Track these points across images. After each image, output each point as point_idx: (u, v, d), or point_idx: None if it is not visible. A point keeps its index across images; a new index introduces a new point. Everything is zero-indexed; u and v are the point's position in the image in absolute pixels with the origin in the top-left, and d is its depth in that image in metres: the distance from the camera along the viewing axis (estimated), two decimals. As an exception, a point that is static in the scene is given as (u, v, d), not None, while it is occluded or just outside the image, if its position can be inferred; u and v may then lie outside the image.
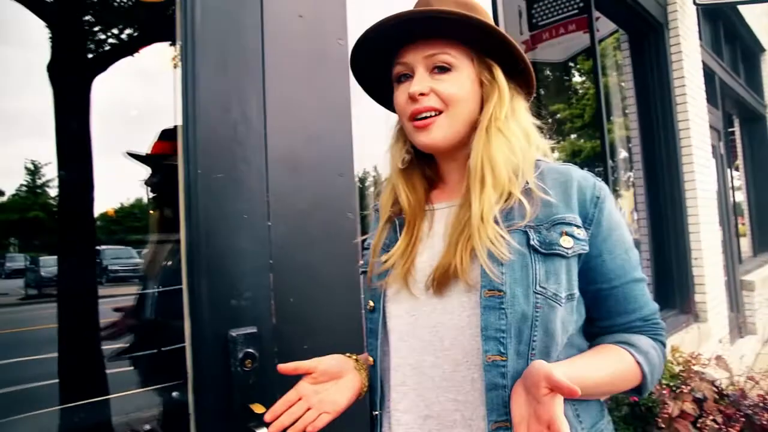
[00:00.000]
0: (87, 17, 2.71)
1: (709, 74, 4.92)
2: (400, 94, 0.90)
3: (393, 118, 0.99)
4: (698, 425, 1.77)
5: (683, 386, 1.86)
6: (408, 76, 0.89)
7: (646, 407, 1.86)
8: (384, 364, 0.92)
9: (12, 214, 3.26)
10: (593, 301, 0.88)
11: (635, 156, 4.24)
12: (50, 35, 2.40)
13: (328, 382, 0.92)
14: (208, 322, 1.16)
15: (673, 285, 3.95)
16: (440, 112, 0.86)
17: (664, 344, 0.90)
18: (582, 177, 0.87)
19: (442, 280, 0.83)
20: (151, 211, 2.13)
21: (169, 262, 1.75)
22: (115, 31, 2.74)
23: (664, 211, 3.98)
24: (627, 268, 0.87)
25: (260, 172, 1.25)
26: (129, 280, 3.39)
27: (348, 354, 0.98)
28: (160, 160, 1.78)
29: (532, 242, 0.81)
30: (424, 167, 0.97)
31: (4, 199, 3.18)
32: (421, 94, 0.85)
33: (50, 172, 3.07)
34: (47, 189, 3.18)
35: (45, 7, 2.48)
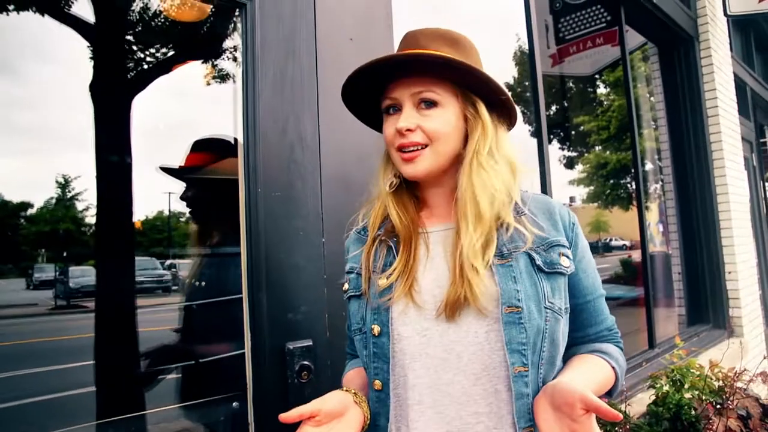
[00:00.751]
0: (127, 36, 2.82)
1: (740, 85, 4.87)
2: (389, 127, 0.95)
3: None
4: (745, 442, 1.75)
5: (728, 402, 1.85)
6: (396, 109, 0.94)
7: (689, 422, 1.85)
8: (393, 385, 0.92)
9: (43, 226, 3.36)
10: (573, 314, 0.98)
11: (663, 168, 4.21)
12: (91, 54, 2.50)
13: (331, 422, 0.86)
14: (268, 334, 1.20)
15: (707, 299, 3.90)
16: (425, 146, 0.91)
17: (622, 349, 1.03)
18: (560, 206, 0.99)
19: (454, 308, 0.87)
20: (191, 225, 2.15)
21: (208, 275, 1.76)
22: (152, 50, 2.85)
23: (696, 224, 3.94)
24: (596, 285, 0.99)
25: (315, 191, 1.30)
26: (153, 291, 3.47)
27: (346, 388, 0.95)
28: (194, 172, 1.79)
29: (537, 263, 0.89)
30: (413, 189, 1.01)
31: (35, 211, 3.29)
32: (408, 130, 0.91)
33: (80, 186, 3.18)
34: (77, 202, 3.27)
35: (87, 27, 2.58)
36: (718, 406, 1.97)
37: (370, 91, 0.99)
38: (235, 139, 1.66)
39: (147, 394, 1.59)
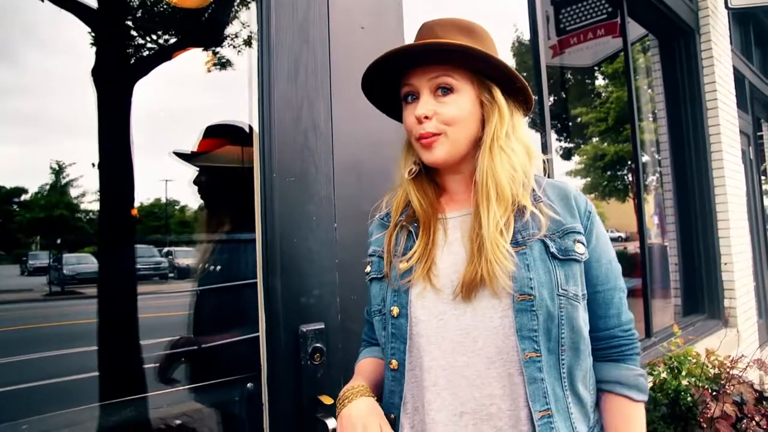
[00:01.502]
0: (128, 22, 2.81)
1: (739, 78, 4.90)
2: (408, 115, 0.98)
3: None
4: (742, 427, 1.80)
5: (725, 388, 1.89)
6: (414, 97, 0.97)
7: (687, 407, 1.90)
8: (409, 366, 0.95)
9: (38, 213, 3.36)
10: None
11: (659, 160, 4.25)
12: (92, 40, 2.50)
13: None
14: (282, 318, 1.23)
15: (702, 290, 3.95)
16: (443, 133, 0.94)
17: (639, 354, 1.01)
18: (577, 193, 0.99)
19: (470, 288, 0.89)
20: (202, 210, 2.16)
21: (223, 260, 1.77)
22: (154, 36, 2.84)
23: (694, 216, 3.98)
24: (610, 276, 0.98)
25: (328, 177, 1.32)
26: (150, 279, 3.48)
27: (363, 388, 0.97)
28: (206, 157, 1.80)
29: (551, 250, 0.91)
30: (433, 176, 1.04)
31: (29, 197, 3.27)
32: (426, 117, 0.93)
33: (75, 172, 3.18)
34: (72, 188, 3.26)
35: (89, 12, 2.57)
36: (714, 393, 2.01)
37: (388, 80, 1.01)
38: (250, 127, 1.67)
39: (160, 376, 1.61)
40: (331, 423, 1.21)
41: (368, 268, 1.05)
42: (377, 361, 1.07)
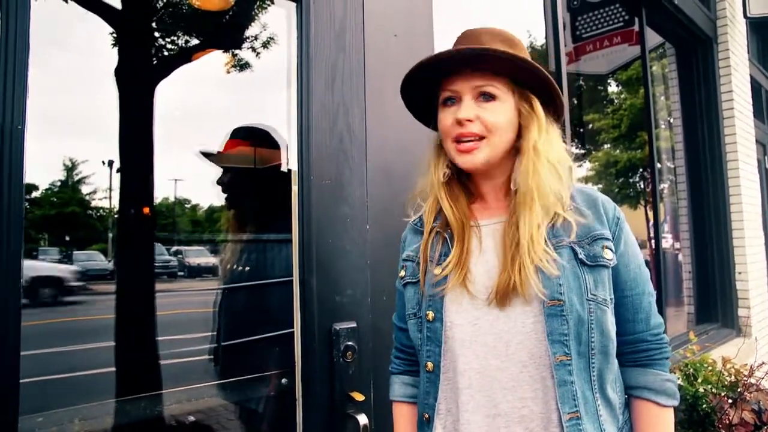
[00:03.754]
0: (152, 23, 2.86)
1: (755, 87, 4.90)
2: (447, 117, 0.98)
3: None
4: (761, 435, 1.82)
5: (743, 395, 1.91)
6: (454, 101, 0.98)
7: (704, 413, 1.91)
8: (443, 369, 0.98)
9: (49, 209, 3.40)
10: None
11: (671, 168, 4.25)
12: (115, 41, 2.55)
13: None
14: (316, 316, 1.27)
15: (716, 299, 3.95)
16: (482, 137, 0.95)
17: (668, 358, 1.02)
18: (605, 199, 1.01)
19: (504, 295, 0.92)
20: (227, 211, 2.20)
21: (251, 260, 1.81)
22: (175, 38, 2.89)
23: (708, 224, 3.98)
24: (639, 281, 0.99)
25: (361, 179, 1.36)
26: (160, 277, 3.52)
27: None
28: (233, 158, 1.84)
29: (580, 256, 0.93)
30: (464, 181, 1.05)
31: (40, 194, 3.32)
32: (468, 120, 0.95)
33: (86, 169, 3.22)
34: (83, 185, 3.29)
35: (114, 13, 2.61)
36: (732, 400, 2.03)
37: (423, 86, 1.03)
38: (267, 132, 1.73)
39: (191, 371, 1.66)
40: (362, 419, 1.25)
41: (402, 273, 1.07)
42: (414, 416, 1.09)
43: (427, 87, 1.03)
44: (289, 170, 1.34)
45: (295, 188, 1.29)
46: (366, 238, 1.36)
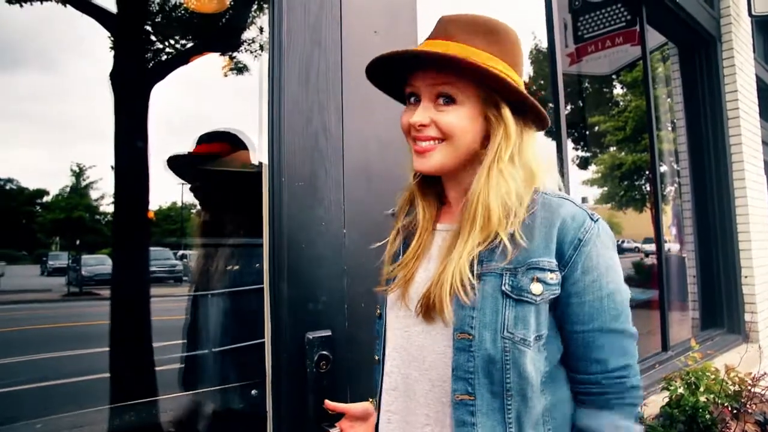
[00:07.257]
0: (147, 27, 2.83)
1: (761, 87, 4.80)
2: (405, 117, 0.92)
3: None
4: (763, 447, 1.74)
5: (746, 407, 1.83)
6: (417, 99, 0.91)
7: (705, 425, 1.84)
8: (383, 364, 0.97)
9: (58, 214, 3.40)
10: (564, 342, 0.89)
11: (678, 170, 4.17)
12: (112, 45, 2.51)
13: (355, 423, 1.09)
14: (288, 324, 1.21)
15: (721, 303, 3.86)
16: (441, 140, 0.88)
17: (635, 405, 0.88)
18: (571, 216, 0.86)
19: (426, 311, 0.87)
20: (197, 216, 2.15)
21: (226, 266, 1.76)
22: (172, 41, 2.86)
23: (713, 227, 3.90)
24: (595, 315, 0.85)
25: (337, 181, 1.30)
26: (165, 281, 3.50)
27: (370, 399, 1.07)
28: (200, 163, 1.79)
29: (503, 287, 0.83)
30: (438, 182, 0.98)
31: (50, 198, 3.31)
32: (422, 125, 0.88)
33: (94, 175, 3.22)
34: (91, 190, 3.30)
35: (109, 17, 2.59)
36: (735, 411, 1.95)
37: (397, 71, 0.94)
38: (235, 135, 1.68)
39: (162, 381, 1.61)
40: (335, 432, 1.18)
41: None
42: None
43: (400, 74, 0.94)
44: (260, 172, 1.28)
45: (265, 190, 1.23)
46: (343, 242, 1.30)
